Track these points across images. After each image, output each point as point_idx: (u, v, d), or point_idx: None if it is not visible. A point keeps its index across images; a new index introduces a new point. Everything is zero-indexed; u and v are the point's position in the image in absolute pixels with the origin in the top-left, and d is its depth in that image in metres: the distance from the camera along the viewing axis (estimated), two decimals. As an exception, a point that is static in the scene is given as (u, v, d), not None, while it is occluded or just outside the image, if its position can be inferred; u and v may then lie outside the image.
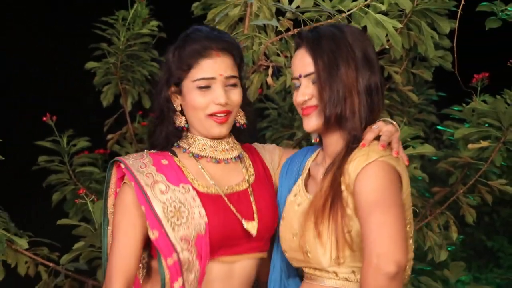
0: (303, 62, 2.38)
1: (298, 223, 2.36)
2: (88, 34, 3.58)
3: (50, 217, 3.37)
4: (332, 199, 2.27)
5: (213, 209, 2.42)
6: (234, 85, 2.49)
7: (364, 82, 2.33)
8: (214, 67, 2.44)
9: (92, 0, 4.49)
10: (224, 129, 2.48)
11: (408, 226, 2.26)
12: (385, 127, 2.28)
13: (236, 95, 2.48)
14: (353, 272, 2.26)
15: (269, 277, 2.57)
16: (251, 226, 2.47)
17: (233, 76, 2.48)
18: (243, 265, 2.50)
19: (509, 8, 3.18)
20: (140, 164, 2.45)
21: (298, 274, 2.54)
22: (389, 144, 2.24)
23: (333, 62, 2.31)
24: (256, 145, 2.75)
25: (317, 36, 2.37)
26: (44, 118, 3.53)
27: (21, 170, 3.68)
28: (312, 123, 2.37)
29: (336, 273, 2.28)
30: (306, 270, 2.39)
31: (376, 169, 2.18)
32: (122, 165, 2.46)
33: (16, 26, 6.50)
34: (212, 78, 2.44)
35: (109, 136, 3.73)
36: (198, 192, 2.43)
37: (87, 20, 3.60)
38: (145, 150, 2.55)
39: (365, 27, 2.83)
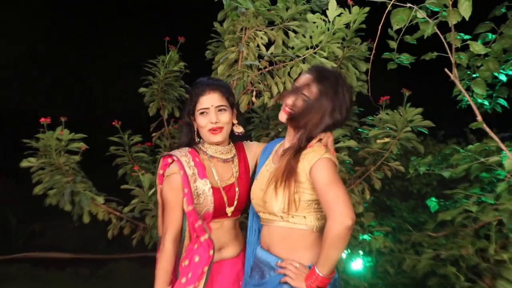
0: (307, 86, 2.80)
1: (265, 182, 2.90)
2: (141, 70, 4.00)
3: (117, 184, 3.90)
4: (287, 173, 2.80)
5: (216, 198, 3.01)
6: (223, 110, 3.02)
7: (332, 117, 2.80)
8: (208, 101, 3.01)
9: (143, 47, 4.75)
10: (218, 138, 3.03)
11: None
12: (325, 135, 2.80)
13: (224, 116, 3.02)
14: (292, 217, 2.82)
15: (247, 239, 3.07)
16: (229, 210, 3.08)
17: (221, 105, 3.01)
18: (226, 222, 3.12)
19: (402, 57, 3.60)
20: (186, 159, 3.00)
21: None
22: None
23: (327, 94, 2.76)
24: (245, 143, 3.26)
25: (324, 75, 2.80)
26: (114, 123, 3.96)
27: (100, 155, 4.07)
28: (284, 117, 2.87)
29: (282, 217, 2.84)
30: (262, 215, 2.94)
31: (323, 162, 2.72)
32: (174, 158, 3.00)
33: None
34: (207, 108, 3.00)
35: (154, 134, 4.08)
36: (211, 186, 3.00)
37: (141, 60, 4.01)
38: (184, 148, 3.07)
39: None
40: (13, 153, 4.51)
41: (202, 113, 3.02)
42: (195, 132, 3.09)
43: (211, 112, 3.01)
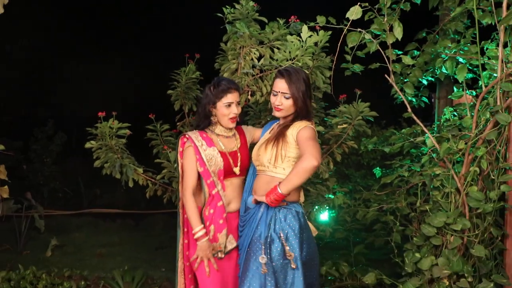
0: (281, 86, 2.87)
1: (262, 143, 2.97)
2: (169, 78, 3.99)
3: (152, 159, 3.96)
4: (277, 136, 2.90)
5: (224, 159, 3.02)
6: (238, 104, 3.05)
7: (308, 98, 2.86)
8: (232, 97, 3.00)
9: (168, 60, 4.69)
10: (234, 124, 3.06)
11: None
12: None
13: (239, 109, 3.05)
14: (275, 168, 2.87)
15: (245, 187, 3.10)
16: (236, 169, 3.08)
17: (238, 101, 3.05)
18: (235, 181, 3.10)
19: (355, 66, 3.67)
20: (195, 136, 3.03)
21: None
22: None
23: (297, 90, 2.84)
24: (243, 126, 3.28)
25: (289, 73, 2.87)
26: (150, 115, 3.96)
27: (140, 138, 4.06)
28: (279, 114, 2.93)
29: (268, 167, 2.90)
30: (257, 167, 2.99)
31: (308, 128, 2.82)
32: (186, 136, 3.02)
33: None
34: (232, 102, 3.01)
35: (178, 123, 4.02)
36: (219, 151, 3.03)
37: (169, 70, 4.02)
38: (195, 130, 3.10)
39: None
40: (80, 139, 4.58)
41: (228, 105, 3.00)
42: (213, 118, 3.07)
43: (233, 105, 3.02)
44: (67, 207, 8.72)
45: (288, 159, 2.87)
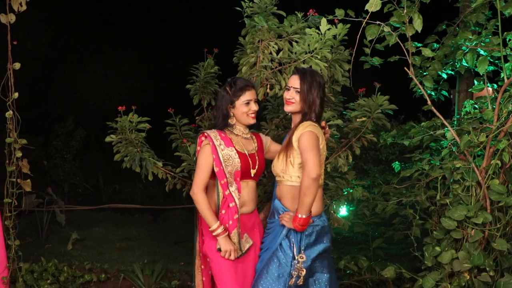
0: (295, 82, 2.94)
1: (277, 154, 3.02)
2: (187, 72, 3.96)
3: (171, 152, 3.92)
4: (286, 144, 2.94)
5: (243, 161, 3.02)
6: (256, 102, 3.09)
7: (319, 99, 2.88)
8: (250, 95, 3.04)
9: (188, 56, 4.78)
10: (254, 120, 3.07)
11: (322, 157, 2.88)
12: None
13: (257, 106, 3.08)
14: (291, 177, 2.91)
15: (273, 193, 3.10)
16: (253, 172, 3.07)
17: (255, 98, 3.08)
18: (250, 183, 3.10)
19: (373, 59, 3.65)
20: (214, 135, 3.02)
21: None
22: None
23: (309, 87, 2.89)
24: (261, 134, 3.30)
25: (304, 72, 2.93)
26: (169, 110, 3.91)
27: (160, 132, 4.04)
28: (288, 108, 2.98)
29: (283, 177, 2.94)
30: (276, 178, 3.02)
31: (305, 134, 2.82)
32: (205, 135, 3.02)
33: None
34: (250, 100, 3.04)
35: (197, 118, 4.00)
36: (237, 151, 3.02)
37: (188, 65, 3.97)
38: (213, 129, 3.08)
39: (310, 66, 3.26)
40: (99, 135, 4.61)
41: (247, 103, 3.03)
42: (233, 119, 3.08)
43: (252, 103, 3.05)
44: (87, 202, 8.83)
45: (299, 166, 2.88)
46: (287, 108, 2.99)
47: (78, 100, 10.77)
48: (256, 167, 3.08)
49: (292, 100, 2.95)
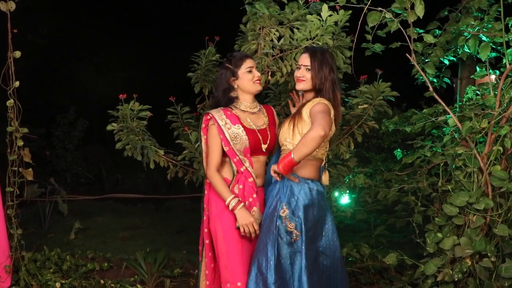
0: (305, 60, 2.94)
1: (283, 123, 3.03)
2: (188, 60, 3.94)
3: (173, 141, 3.96)
4: (295, 114, 2.95)
5: (252, 137, 3.02)
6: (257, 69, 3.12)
7: (330, 77, 2.87)
8: (251, 62, 3.07)
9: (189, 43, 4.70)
10: (260, 87, 3.09)
11: (331, 132, 2.88)
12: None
13: (259, 74, 3.11)
14: (293, 145, 2.81)
15: (270, 162, 3.11)
16: (264, 147, 3.07)
17: (256, 66, 3.11)
18: (262, 158, 3.11)
19: (375, 46, 3.60)
20: (218, 114, 3.01)
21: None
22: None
23: (320, 64, 2.89)
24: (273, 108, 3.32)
25: (314, 50, 2.96)
26: (170, 98, 3.93)
27: (161, 120, 4.01)
28: (300, 86, 2.97)
29: (287, 146, 2.92)
30: (281, 146, 3.00)
31: (320, 103, 2.83)
32: (210, 115, 3.01)
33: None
34: (252, 67, 3.06)
35: (198, 106, 4.00)
36: (245, 128, 3.01)
37: (189, 53, 3.97)
38: (219, 108, 3.06)
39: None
40: (101, 126, 4.58)
41: (249, 71, 3.05)
42: (233, 92, 3.09)
43: (254, 70, 3.07)
44: (89, 192, 8.84)
45: None
46: (299, 86, 2.99)
47: (79, 91, 10.73)
48: (268, 141, 3.09)
49: (303, 78, 2.95)
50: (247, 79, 3.05)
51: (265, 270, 2.80)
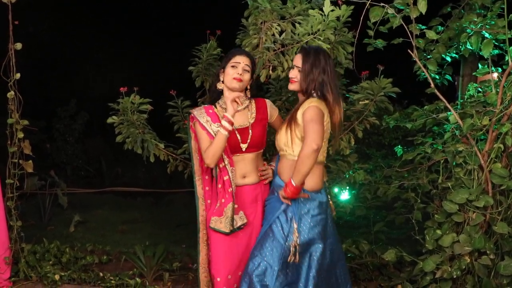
0: (298, 60, 2.92)
1: (280, 128, 3.02)
2: (190, 54, 3.95)
3: (173, 133, 3.96)
4: (290, 119, 2.92)
5: (230, 136, 2.96)
6: (247, 71, 3.04)
7: (321, 78, 2.84)
8: (240, 59, 3.03)
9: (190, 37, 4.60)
10: (237, 85, 3.01)
11: (325, 135, 2.87)
12: None
13: (246, 75, 3.04)
14: (293, 151, 2.89)
15: (274, 169, 3.12)
16: (244, 146, 3.07)
17: (247, 65, 3.03)
18: (247, 156, 3.10)
19: (377, 41, 3.61)
20: (199, 113, 3.06)
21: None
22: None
23: (310, 67, 2.86)
24: (269, 101, 3.23)
25: (308, 51, 2.90)
26: (171, 92, 3.91)
27: (161, 115, 4.02)
28: (291, 87, 2.98)
29: (286, 151, 2.94)
30: (280, 152, 3.01)
31: (310, 108, 2.80)
32: (192, 115, 3.09)
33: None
34: (238, 63, 3.02)
35: (199, 100, 3.97)
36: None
37: (190, 47, 3.97)
38: (202, 106, 3.15)
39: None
40: (102, 119, 4.55)
41: (233, 66, 3.03)
42: (219, 84, 3.10)
43: (240, 67, 3.03)
44: (89, 185, 8.83)
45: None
46: (290, 87, 3.00)
47: (80, 84, 10.74)
48: (248, 141, 3.08)
49: (295, 79, 2.95)
50: (228, 73, 3.05)
51: (268, 278, 2.86)
